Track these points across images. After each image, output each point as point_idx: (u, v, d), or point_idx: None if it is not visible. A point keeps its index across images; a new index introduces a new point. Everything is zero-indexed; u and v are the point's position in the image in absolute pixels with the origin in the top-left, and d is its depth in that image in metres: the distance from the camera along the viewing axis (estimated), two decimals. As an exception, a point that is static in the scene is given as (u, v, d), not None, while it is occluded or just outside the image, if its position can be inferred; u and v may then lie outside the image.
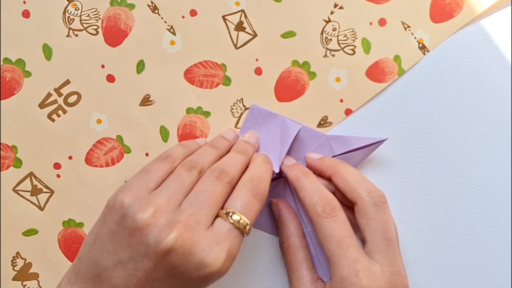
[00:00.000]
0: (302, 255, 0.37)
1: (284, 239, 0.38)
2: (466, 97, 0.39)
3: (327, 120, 0.39)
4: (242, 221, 0.31)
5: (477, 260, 0.39)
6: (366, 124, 0.39)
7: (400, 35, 0.39)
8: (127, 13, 0.39)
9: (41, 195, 0.41)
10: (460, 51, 0.39)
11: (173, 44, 0.39)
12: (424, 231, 0.40)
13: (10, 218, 0.41)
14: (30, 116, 0.40)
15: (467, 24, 0.38)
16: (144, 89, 0.40)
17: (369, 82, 0.39)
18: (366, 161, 0.39)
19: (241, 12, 0.39)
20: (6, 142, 0.40)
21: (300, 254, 0.37)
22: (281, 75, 0.39)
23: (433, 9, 0.38)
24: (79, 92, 0.40)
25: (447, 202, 0.39)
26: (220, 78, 0.40)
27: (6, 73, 0.40)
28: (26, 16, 0.40)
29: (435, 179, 0.39)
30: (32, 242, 0.41)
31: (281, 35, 0.39)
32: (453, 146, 0.39)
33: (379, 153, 0.39)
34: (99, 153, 0.40)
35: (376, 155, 0.39)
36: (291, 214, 0.38)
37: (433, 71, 0.39)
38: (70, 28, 0.40)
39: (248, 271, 0.40)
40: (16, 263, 0.41)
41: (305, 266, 0.37)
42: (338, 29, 0.39)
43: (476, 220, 0.39)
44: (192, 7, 0.39)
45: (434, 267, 0.40)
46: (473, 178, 0.39)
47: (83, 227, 0.41)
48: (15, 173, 0.41)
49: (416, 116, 0.39)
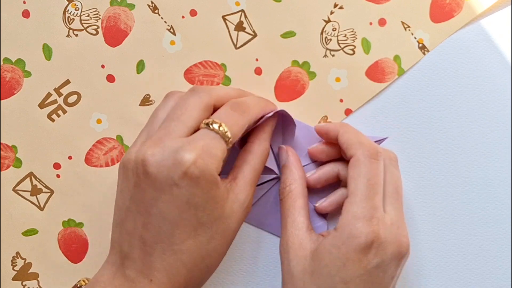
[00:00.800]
0: (302, 202, 0.36)
1: (287, 183, 0.37)
2: (466, 97, 0.39)
3: (327, 120, 0.39)
4: (221, 128, 0.32)
5: (477, 260, 0.39)
6: (366, 124, 0.39)
7: (400, 35, 0.39)
8: (127, 13, 0.39)
9: (41, 195, 0.41)
10: (460, 51, 0.39)
11: (173, 44, 0.39)
12: (424, 231, 0.40)
13: (10, 218, 0.41)
14: (30, 116, 0.40)
15: (467, 24, 0.38)
16: (144, 89, 0.40)
17: (369, 82, 0.39)
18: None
19: (241, 12, 0.39)
20: (6, 142, 0.40)
21: (300, 201, 0.36)
22: (281, 75, 0.39)
23: (433, 9, 0.38)
24: (79, 92, 0.40)
25: (447, 202, 0.39)
26: (220, 78, 0.40)
27: (6, 73, 0.40)
28: (26, 16, 0.40)
29: (435, 179, 0.39)
30: (32, 242, 0.41)
31: (281, 35, 0.39)
32: (453, 146, 0.39)
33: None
34: (99, 153, 0.40)
35: (376, 155, 0.39)
36: (299, 162, 0.38)
37: (433, 71, 0.39)
38: (70, 28, 0.40)
39: (248, 271, 0.40)
40: (16, 263, 0.41)
41: (303, 213, 0.36)
42: (338, 29, 0.39)
43: (476, 220, 0.39)
44: (192, 7, 0.39)
45: (434, 267, 0.40)
46: (473, 178, 0.39)
47: (83, 227, 0.41)
48: (15, 173, 0.41)
49: (416, 116, 0.39)
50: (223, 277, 0.40)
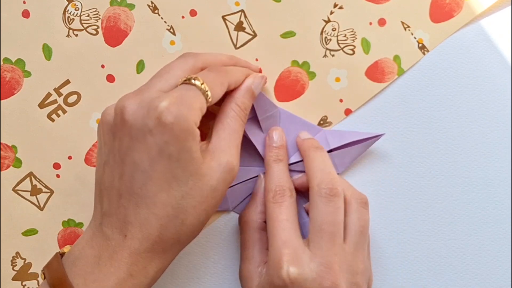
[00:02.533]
0: (257, 237, 0.37)
1: (247, 215, 0.38)
2: (466, 97, 0.39)
3: (326, 120, 0.39)
4: (203, 85, 0.32)
5: (477, 260, 0.39)
6: (365, 124, 0.39)
7: (400, 35, 0.39)
8: (127, 13, 0.39)
9: (40, 195, 0.41)
10: (460, 51, 0.39)
11: (173, 44, 0.40)
12: (424, 231, 0.40)
13: (10, 218, 0.41)
14: (30, 116, 0.40)
15: (467, 24, 0.38)
16: (144, 89, 0.40)
17: (369, 82, 0.39)
18: (366, 162, 0.39)
19: (241, 12, 0.39)
20: (6, 142, 0.40)
21: (256, 235, 0.37)
22: (281, 75, 0.39)
23: (433, 9, 0.38)
24: (79, 92, 0.40)
25: (447, 202, 0.39)
26: (220, 78, 0.40)
27: (6, 73, 0.40)
28: (26, 16, 0.40)
29: (435, 179, 0.39)
30: (32, 242, 0.41)
31: (281, 35, 0.39)
32: (453, 146, 0.39)
33: (379, 153, 0.39)
34: (99, 153, 0.40)
35: (376, 155, 0.39)
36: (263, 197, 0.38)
37: (433, 71, 0.39)
38: (70, 28, 0.40)
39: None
40: (16, 263, 0.41)
41: (257, 248, 0.36)
42: (337, 29, 0.39)
43: (476, 220, 0.39)
44: (192, 7, 0.39)
45: (434, 267, 0.40)
46: (473, 178, 0.39)
47: (82, 227, 0.41)
48: (15, 173, 0.41)
49: (416, 116, 0.39)
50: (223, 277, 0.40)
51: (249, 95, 0.35)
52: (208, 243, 0.40)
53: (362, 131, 0.39)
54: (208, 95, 0.32)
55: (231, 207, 0.39)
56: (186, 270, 0.40)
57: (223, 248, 0.40)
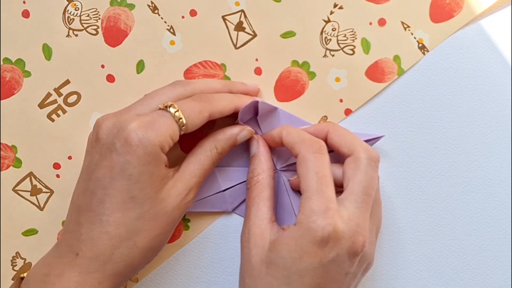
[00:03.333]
0: (267, 193, 0.36)
1: (255, 173, 0.37)
2: (466, 97, 0.39)
3: (326, 120, 0.39)
4: (177, 113, 0.32)
5: (477, 260, 0.39)
6: (365, 124, 0.39)
7: (400, 35, 0.39)
8: (127, 13, 0.39)
9: (40, 195, 0.41)
10: (460, 51, 0.39)
11: (173, 44, 0.40)
12: (424, 231, 0.40)
13: (10, 218, 0.41)
14: (29, 116, 0.40)
15: (467, 24, 0.38)
16: (144, 89, 0.40)
17: (369, 82, 0.39)
18: (366, 161, 0.39)
19: (241, 12, 0.39)
20: (6, 142, 0.40)
21: (266, 192, 0.36)
22: (281, 75, 0.39)
23: (433, 9, 0.38)
24: (79, 92, 0.40)
25: (447, 202, 0.39)
26: (220, 78, 0.40)
27: (6, 73, 0.40)
28: (26, 16, 0.40)
29: (435, 179, 0.39)
30: (32, 242, 0.41)
31: (281, 35, 0.39)
32: (453, 146, 0.39)
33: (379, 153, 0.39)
34: (99, 153, 0.40)
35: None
36: (268, 153, 0.38)
37: (433, 71, 0.39)
38: (70, 28, 0.40)
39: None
40: (16, 263, 0.41)
41: (268, 204, 0.36)
42: (337, 29, 0.39)
43: (476, 220, 0.39)
44: (192, 7, 0.39)
45: (434, 267, 0.40)
46: (473, 178, 0.39)
47: (82, 227, 0.41)
48: (15, 173, 0.41)
49: (416, 116, 0.39)
50: (224, 277, 0.40)
51: (231, 142, 0.36)
52: (208, 243, 0.40)
53: (362, 132, 0.39)
54: (183, 123, 0.33)
55: (230, 208, 0.39)
56: (186, 270, 0.40)
57: (223, 248, 0.40)
